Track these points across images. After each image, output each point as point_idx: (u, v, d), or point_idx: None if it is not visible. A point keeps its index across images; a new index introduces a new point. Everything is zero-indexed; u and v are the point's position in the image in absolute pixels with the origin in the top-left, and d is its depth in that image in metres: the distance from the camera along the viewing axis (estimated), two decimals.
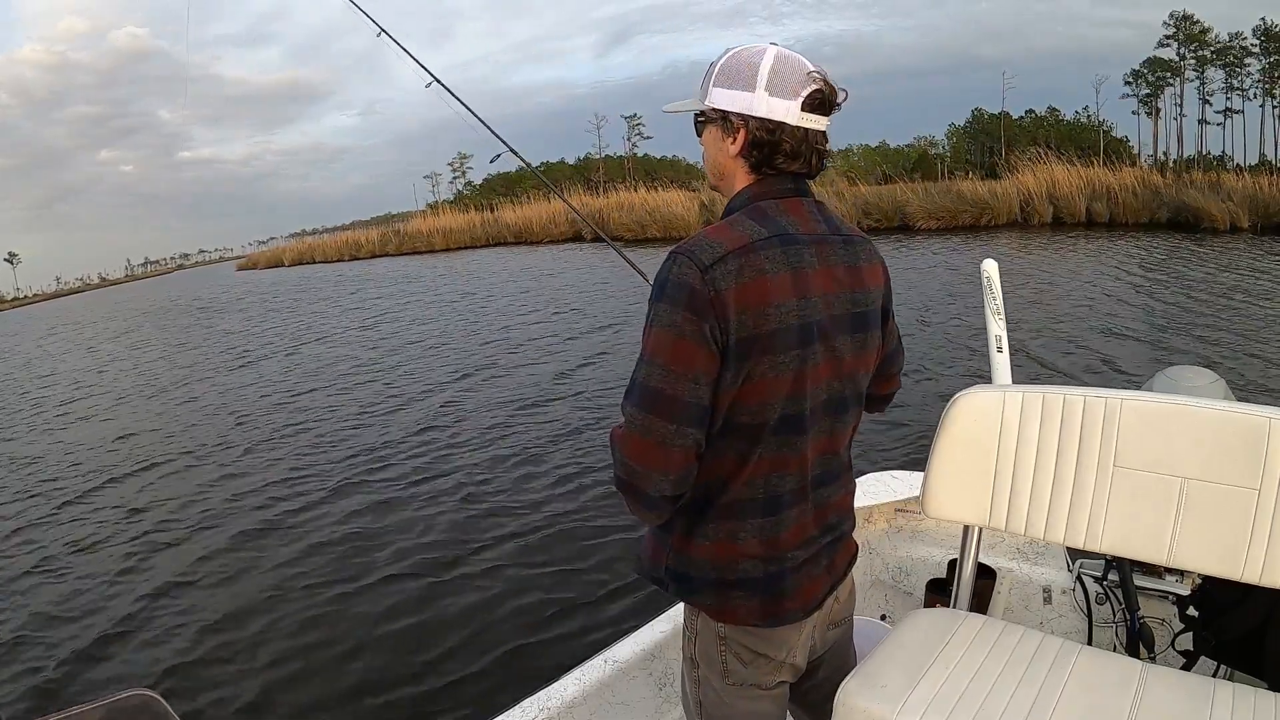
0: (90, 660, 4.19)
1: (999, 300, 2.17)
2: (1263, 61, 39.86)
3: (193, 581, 5.01)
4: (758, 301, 1.20)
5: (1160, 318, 9.94)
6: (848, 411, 1.38)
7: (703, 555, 1.33)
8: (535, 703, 1.90)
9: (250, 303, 25.19)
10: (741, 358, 1.20)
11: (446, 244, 38.00)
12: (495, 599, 4.34)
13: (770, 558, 1.32)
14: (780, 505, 1.31)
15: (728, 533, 1.31)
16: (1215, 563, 1.46)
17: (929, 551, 2.72)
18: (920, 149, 48.65)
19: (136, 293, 49.99)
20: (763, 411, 1.25)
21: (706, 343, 1.19)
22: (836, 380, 1.33)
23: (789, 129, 1.26)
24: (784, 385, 1.25)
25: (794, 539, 1.34)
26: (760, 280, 1.21)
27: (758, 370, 1.21)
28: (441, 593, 4.48)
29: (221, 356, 14.70)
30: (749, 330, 1.20)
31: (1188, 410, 1.50)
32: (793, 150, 1.27)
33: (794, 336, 1.23)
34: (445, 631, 4.07)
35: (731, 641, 1.38)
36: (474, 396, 8.99)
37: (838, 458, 1.40)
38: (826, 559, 1.41)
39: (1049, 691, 1.39)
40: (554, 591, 4.33)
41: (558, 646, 3.78)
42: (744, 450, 1.28)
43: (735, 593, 1.33)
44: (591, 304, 15.14)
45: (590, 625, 3.95)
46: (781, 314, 1.21)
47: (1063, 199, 23.13)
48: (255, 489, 6.66)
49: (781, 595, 1.34)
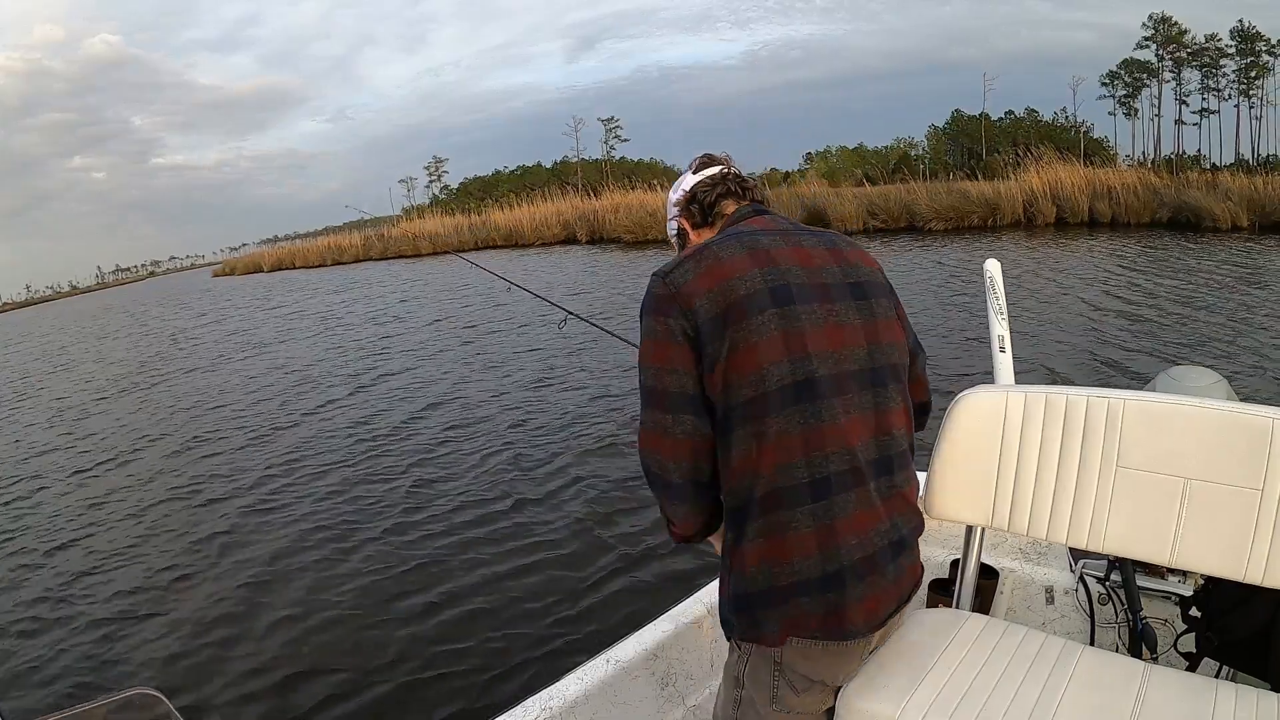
0: (93, 658, 4.20)
1: (1002, 300, 2.17)
2: (1238, 63, 40.20)
3: (195, 577, 5.02)
4: (717, 279, 1.33)
5: (1163, 317, 9.92)
6: (886, 386, 1.38)
7: (756, 561, 1.32)
8: (537, 702, 1.90)
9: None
10: (718, 330, 1.30)
11: (433, 248, 36.24)
12: (512, 598, 4.32)
13: (827, 553, 1.29)
14: (829, 487, 1.30)
15: (778, 526, 1.30)
16: (1218, 563, 1.45)
17: (931, 551, 2.71)
18: (901, 150, 48.75)
19: (125, 297, 49.37)
20: (762, 379, 1.29)
21: (675, 337, 1.34)
22: (857, 347, 1.35)
23: (695, 184, 1.60)
24: (774, 347, 1.29)
25: (852, 529, 1.31)
26: (715, 264, 1.35)
27: (740, 336, 1.29)
28: (453, 589, 4.48)
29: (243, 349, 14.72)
30: (718, 306, 1.31)
31: (1191, 410, 1.49)
32: (709, 190, 1.57)
33: (765, 299, 1.31)
34: (455, 628, 4.07)
35: (787, 668, 1.36)
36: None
37: (893, 441, 1.39)
38: (893, 570, 1.36)
39: (1051, 692, 1.39)
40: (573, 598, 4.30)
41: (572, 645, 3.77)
42: (761, 429, 1.29)
43: (795, 601, 1.30)
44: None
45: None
46: (747, 283, 1.32)
47: (1066, 199, 23.14)
48: (264, 481, 6.68)
49: (843, 605, 1.30)
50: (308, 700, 3.61)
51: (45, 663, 4.20)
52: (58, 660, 4.21)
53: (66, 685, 3.98)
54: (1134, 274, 13.65)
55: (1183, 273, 13.51)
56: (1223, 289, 11.66)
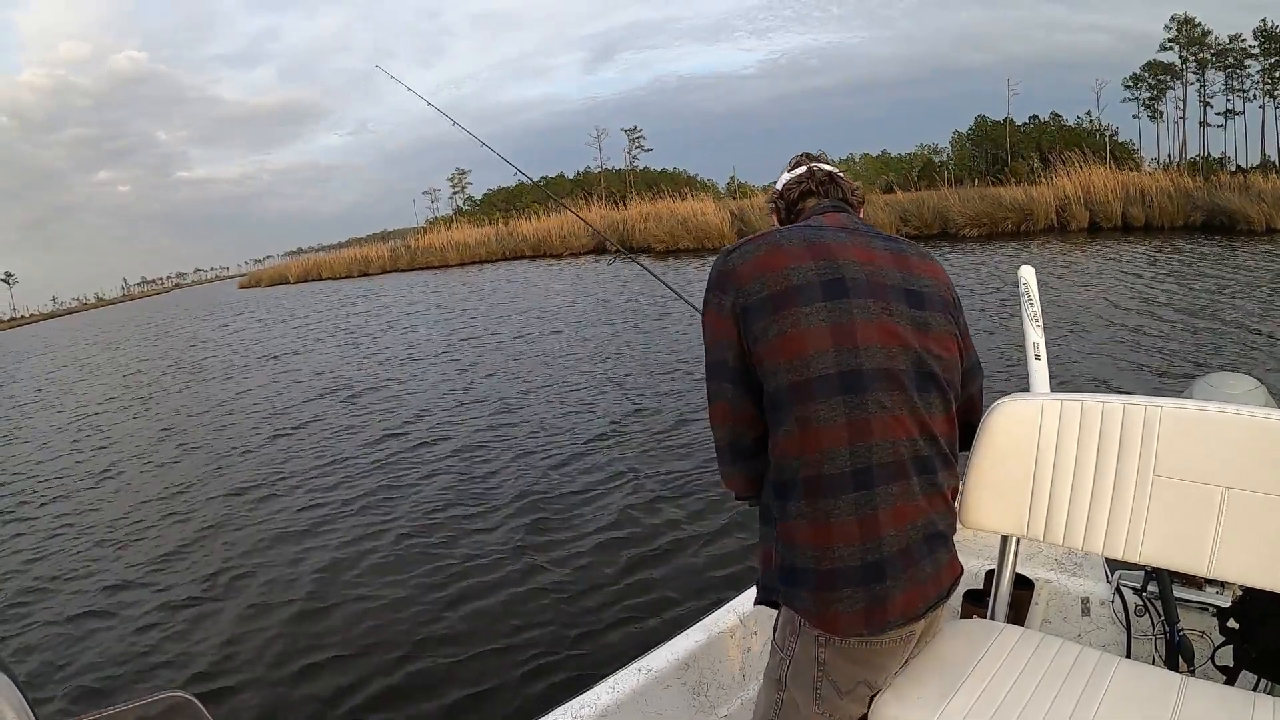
0: (124, 662, 4.26)
1: (1036, 307, 2.14)
2: (1263, 63, 39.66)
3: (230, 582, 5.07)
4: (772, 264, 1.40)
5: (1199, 322, 9.75)
6: (931, 392, 1.40)
7: (801, 539, 1.35)
8: (568, 710, 1.91)
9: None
10: (767, 313, 1.37)
11: (461, 259, 36.95)
12: (549, 602, 4.34)
13: (868, 543, 1.31)
14: (872, 478, 1.32)
15: (822, 511, 1.32)
16: (1257, 574, 1.43)
17: (966, 562, 2.68)
18: (924, 157, 48.40)
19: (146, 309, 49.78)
20: (806, 365, 1.33)
21: (724, 312, 1.42)
22: (907, 349, 1.37)
23: (787, 182, 1.70)
24: (821, 337, 1.33)
25: (893, 520, 1.33)
26: (774, 250, 1.42)
27: (789, 322, 1.35)
28: (487, 593, 4.50)
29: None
30: (769, 289, 1.38)
31: (1228, 417, 1.47)
32: (797, 186, 1.68)
33: (817, 290, 1.36)
34: (489, 633, 4.08)
35: (831, 668, 1.38)
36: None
37: (937, 442, 1.40)
38: (930, 565, 1.38)
39: (1086, 704, 1.38)
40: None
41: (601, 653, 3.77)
42: (805, 414, 1.32)
43: (836, 593, 1.32)
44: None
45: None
46: (799, 273, 1.38)
47: (1099, 203, 22.82)
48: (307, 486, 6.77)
49: (884, 597, 1.32)
50: (346, 703, 3.64)
51: (78, 664, 4.27)
52: (90, 661, 4.28)
53: (97, 683, 4.05)
54: (1169, 278, 13.43)
55: (1219, 276, 13.25)
56: (1260, 292, 11.43)
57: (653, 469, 6.26)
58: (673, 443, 6.91)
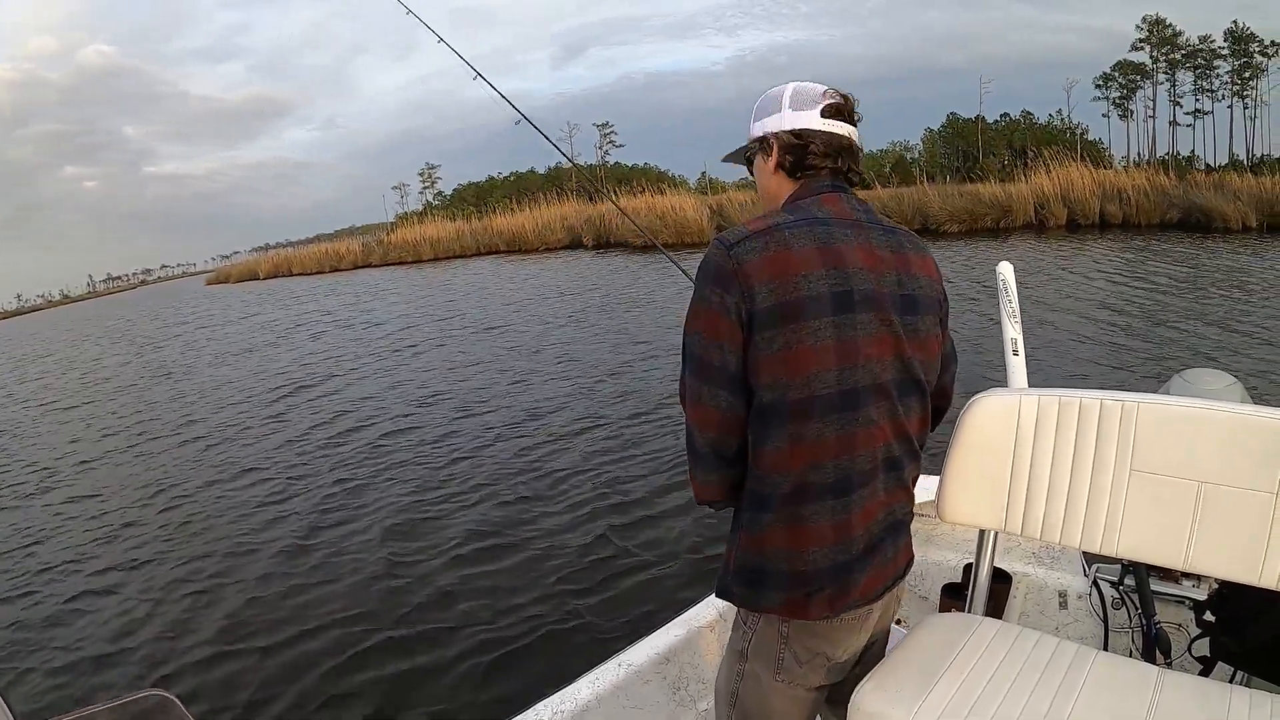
0: (104, 660, 4.22)
1: (1015, 303, 2.15)
2: (1232, 64, 40.25)
3: (208, 580, 5.03)
4: (783, 270, 1.29)
5: (1176, 319, 9.87)
6: (912, 397, 1.40)
7: (775, 544, 1.34)
8: (549, 706, 1.91)
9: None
10: (773, 323, 1.28)
11: (434, 254, 36.06)
12: (533, 593, 4.35)
13: (840, 544, 1.33)
14: (851, 485, 1.33)
15: (799, 517, 1.32)
16: (1233, 567, 1.44)
17: (944, 556, 2.71)
18: (896, 154, 48.56)
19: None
20: (808, 383, 1.29)
21: (729, 314, 1.30)
22: (898, 358, 1.36)
23: (813, 133, 1.43)
24: (826, 355, 1.29)
25: (863, 522, 1.35)
26: (784, 252, 1.31)
27: (796, 338, 1.28)
28: (468, 589, 4.50)
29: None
30: (778, 297, 1.28)
31: (1205, 413, 1.48)
32: (821, 150, 1.42)
33: (827, 304, 1.29)
34: (469, 628, 4.08)
35: (793, 640, 1.40)
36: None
37: (908, 441, 1.41)
38: (892, 549, 1.41)
39: (1065, 696, 1.38)
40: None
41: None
42: (799, 431, 1.30)
43: (806, 588, 1.34)
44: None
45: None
46: (810, 282, 1.29)
47: (1077, 201, 23.03)
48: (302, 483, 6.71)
49: (849, 585, 1.35)
50: (326, 698, 3.63)
51: (56, 663, 4.22)
52: (68, 661, 4.23)
53: (76, 685, 4.01)
54: (1146, 276, 13.58)
55: (1195, 274, 13.44)
56: (1236, 290, 11.59)
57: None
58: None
